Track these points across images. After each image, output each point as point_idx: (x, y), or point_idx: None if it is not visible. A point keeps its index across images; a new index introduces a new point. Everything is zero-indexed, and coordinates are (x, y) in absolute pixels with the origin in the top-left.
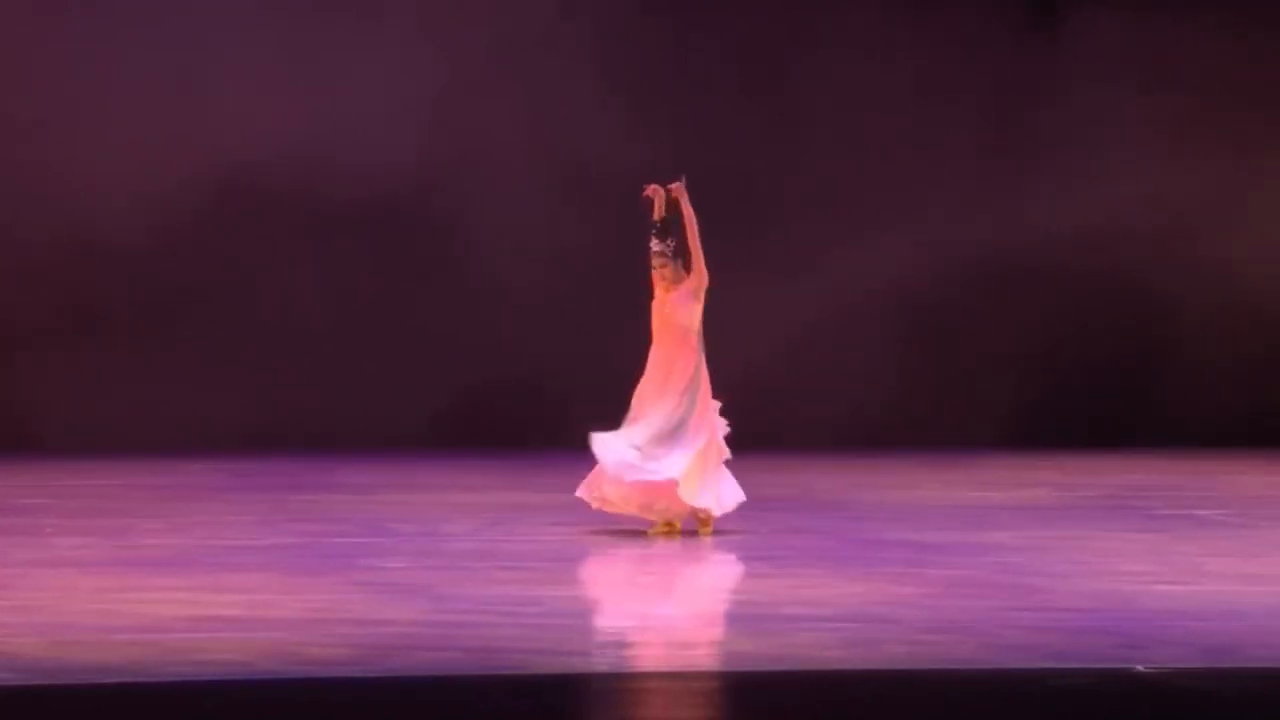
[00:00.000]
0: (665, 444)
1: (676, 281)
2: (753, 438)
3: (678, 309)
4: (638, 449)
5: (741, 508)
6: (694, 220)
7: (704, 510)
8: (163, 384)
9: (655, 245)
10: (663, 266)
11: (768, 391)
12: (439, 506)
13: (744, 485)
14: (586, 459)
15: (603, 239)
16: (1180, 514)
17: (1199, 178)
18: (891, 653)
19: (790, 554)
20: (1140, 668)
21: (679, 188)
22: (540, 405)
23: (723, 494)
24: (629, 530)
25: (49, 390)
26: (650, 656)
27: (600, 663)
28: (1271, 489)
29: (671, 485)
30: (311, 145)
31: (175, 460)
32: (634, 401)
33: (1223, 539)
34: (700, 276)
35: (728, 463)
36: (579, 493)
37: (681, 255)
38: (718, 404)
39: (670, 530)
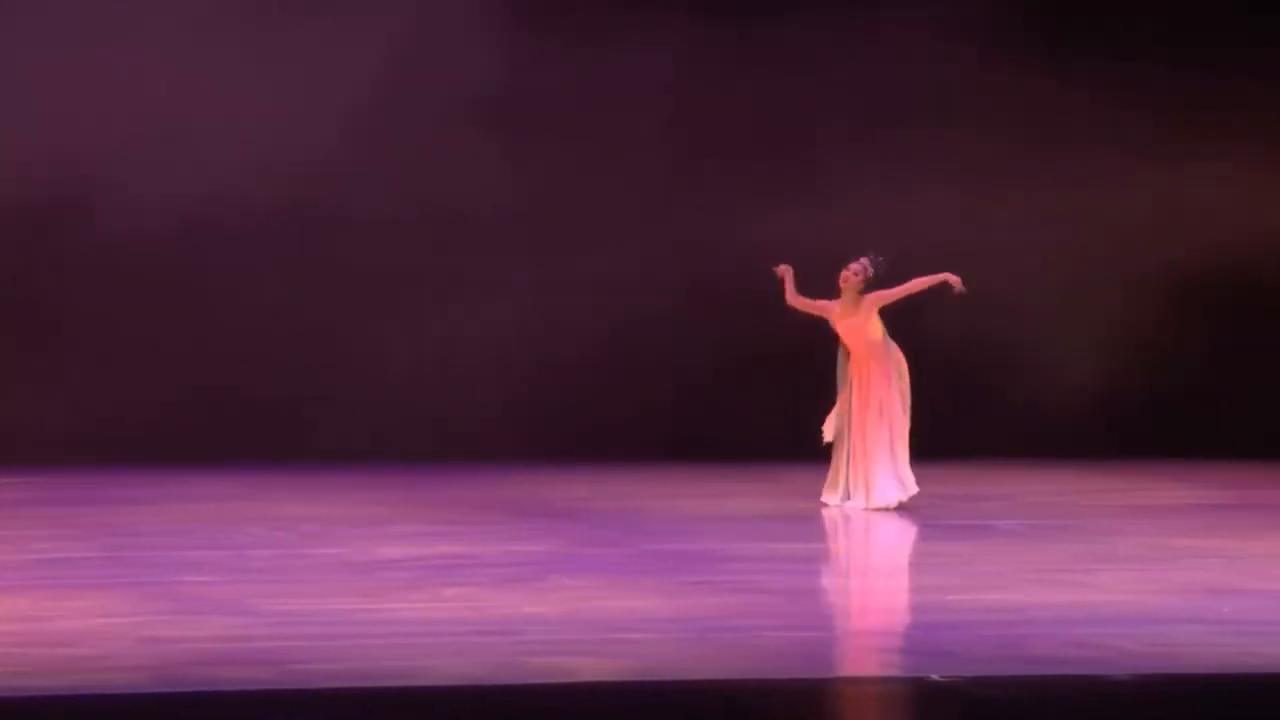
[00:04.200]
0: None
1: (854, 299)
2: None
3: (874, 326)
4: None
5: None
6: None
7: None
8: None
9: (867, 262)
10: (856, 275)
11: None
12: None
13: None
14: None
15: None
16: (972, 524)
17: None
18: (725, 664)
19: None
20: (935, 677)
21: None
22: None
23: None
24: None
25: None
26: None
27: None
28: (1060, 497)
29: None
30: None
31: None
32: (857, 412)
33: (1016, 549)
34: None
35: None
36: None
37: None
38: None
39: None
